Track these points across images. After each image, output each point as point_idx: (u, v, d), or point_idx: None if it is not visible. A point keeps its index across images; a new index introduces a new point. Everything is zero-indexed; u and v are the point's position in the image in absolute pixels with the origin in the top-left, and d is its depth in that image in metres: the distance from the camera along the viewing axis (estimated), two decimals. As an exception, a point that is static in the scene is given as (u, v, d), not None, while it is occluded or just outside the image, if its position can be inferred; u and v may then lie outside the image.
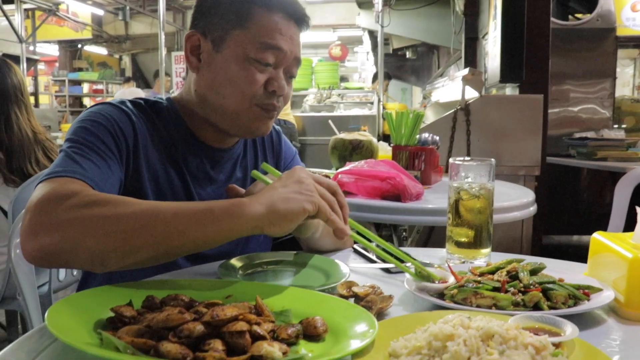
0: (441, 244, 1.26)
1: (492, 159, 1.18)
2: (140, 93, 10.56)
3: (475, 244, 1.18)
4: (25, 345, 0.76)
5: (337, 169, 2.74)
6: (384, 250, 1.11)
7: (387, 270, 1.15)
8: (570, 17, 5.16)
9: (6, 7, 6.54)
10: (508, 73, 3.62)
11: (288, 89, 1.25)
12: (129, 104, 1.23)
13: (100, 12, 13.44)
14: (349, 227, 1.00)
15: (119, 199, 0.92)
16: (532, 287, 0.95)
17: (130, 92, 10.42)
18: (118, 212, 0.88)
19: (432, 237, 3.15)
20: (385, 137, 5.34)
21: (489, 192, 1.17)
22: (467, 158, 1.20)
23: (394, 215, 2.00)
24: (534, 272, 1.02)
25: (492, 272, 1.02)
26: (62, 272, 2.46)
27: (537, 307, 0.91)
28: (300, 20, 1.23)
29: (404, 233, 3.30)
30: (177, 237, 0.88)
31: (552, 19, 3.90)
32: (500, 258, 1.19)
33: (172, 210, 0.89)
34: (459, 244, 1.19)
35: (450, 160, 1.20)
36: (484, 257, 1.18)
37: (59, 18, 11.91)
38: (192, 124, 1.28)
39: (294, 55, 1.22)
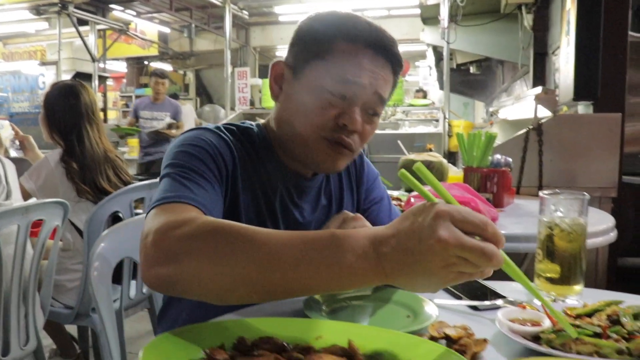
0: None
1: (586, 194, 1.12)
2: (192, 112, 10.56)
3: (567, 280, 1.12)
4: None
5: (406, 190, 2.70)
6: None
7: (474, 308, 1.11)
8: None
9: (81, 28, 6.82)
10: (582, 90, 3.49)
11: (368, 128, 1.19)
12: (224, 130, 1.22)
13: (166, 30, 13.88)
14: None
15: (235, 230, 0.84)
16: (636, 333, 0.89)
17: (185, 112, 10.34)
18: (235, 253, 0.81)
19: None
20: (450, 155, 5.26)
21: (582, 227, 1.11)
22: (557, 191, 1.15)
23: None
24: (637, 316, 0.95)
25: (590, 315, 0.97)
26: (132, 290, 2.52)
27: (642, 355, 0.85)
28: (391, 57, 1.17)
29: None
30: (297, 289, 0.82)
31: (629, 32, 3.75)
32: (591, 294, 1.14)
33: (293, 257, 0.79)
34: (550, 281, 1.13)
35: (540, 193, 1.15)
36: (576, 295, 1.12)
37: (128, 36, 12.35)
38: (279, 151, 1.27)
39: (374, 90, 1.15)
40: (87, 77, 7.40)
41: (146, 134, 6.22)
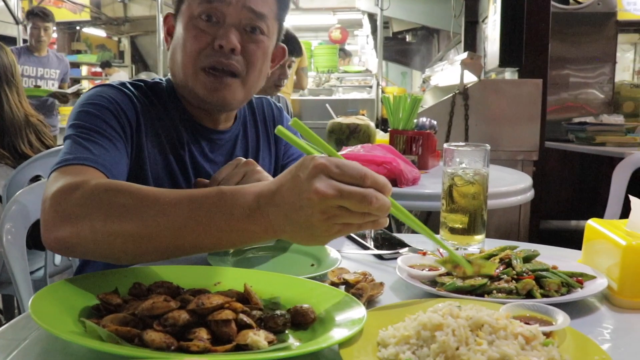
0: (437, 230, 1.24)
1: (487, 145, 1.17)
2: (127, 79, 10.23)
3: (469, 230, 1.17)
4: (9, 333, 0.75)
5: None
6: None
7: (379, 257, 1.14)
8: (571, 1, 5.11)
9: (2, -12, 6.47)
10: (507, 57, 3.59)
11: (252, 47, 1.18)
12: (129, 86, 1.20)
13: (98, -7, 13.30)
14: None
15: (127, 191, 0.85)
16: (525, 274, 0.94)
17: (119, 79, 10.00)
18: (126, 213, 0.82)
19: (429, 222, 3.14)
20: (384, 121, 5.32)
21: (484, 178, 1.16)
22: (461, 143, 1.19)
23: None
24: (527, 259, 1.01)
25: (486, 259, 1.01)
26: (58, 257, 2.46)
27: (530, 295, 0.91)
28: None
29: (401, 218, 3.28)
30: (189, 247, 0.83)
31: (552, 2, 3.86)
32: (494, 245, 1.19)
33: (182, 217, 0.80)
34: (452, 230, 1.18)
35: (445, 145, 1.19)
36: (478, 244, 1.17)
37: None
38: (188, 105, 1.26)
39: (242, 4, 1.14)
40: (11, 41, 7.05)
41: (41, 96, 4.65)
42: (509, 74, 4.01)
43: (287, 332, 0.73)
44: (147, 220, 0.81)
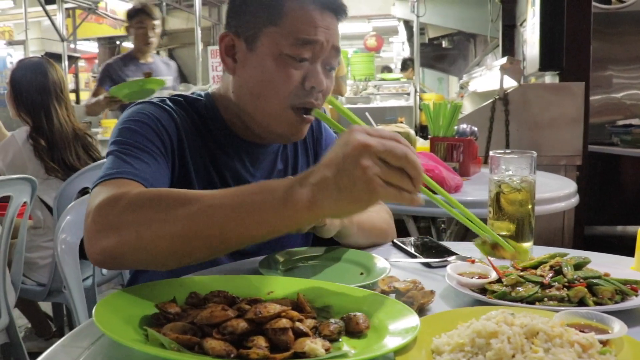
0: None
1: (534, 152, 1.16)
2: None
3: (516, 237, 1.16)
4: (75, 341, 0.78)
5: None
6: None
7: (427, 265, 1.14)
8: (613, 0, 5.01)
9: (48, 7, 6.68)
10: (547, 61, 3.54)
11: (328, 83, 1.18)
12: (169, 102, 1.21)
13: (137, 8, 13.59)
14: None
15: (170, 194, 0.89)
16: (576, 282, 0.93)
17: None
18: (171, 214, 0.85)
19: (470, 230, 3.11)
20: (422, 128, 5.31)
21: (531, 185, 1.15)
22: (507, 150, 1.18)
23: (432, 207, 1.98)
24: (578, 266, 1.00)
25: (535, 267, 1.01)
26: (106, 266, 2.52)
27: (582, 302, 0.90)
28: (336, 8, 1.17)
29: (442, 225, 3.27)
30: (234, 238, 0.84)
31: (593, 3, 3.79)
32: (542, 252, 1.18)
33: (227, 207, 0.83)
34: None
35: (491, 153, 1.18)
36: (526, 251, 1.16)
37: (98, 16, 12.10)
38: (231, 121, 1.26)
39: (331, 45, 1.15)
40: (57, 57, 7.27)
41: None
42: (550, 78, 3.94)
43: (340, 340, 0.74)
44: (192, 217, 0.83)
